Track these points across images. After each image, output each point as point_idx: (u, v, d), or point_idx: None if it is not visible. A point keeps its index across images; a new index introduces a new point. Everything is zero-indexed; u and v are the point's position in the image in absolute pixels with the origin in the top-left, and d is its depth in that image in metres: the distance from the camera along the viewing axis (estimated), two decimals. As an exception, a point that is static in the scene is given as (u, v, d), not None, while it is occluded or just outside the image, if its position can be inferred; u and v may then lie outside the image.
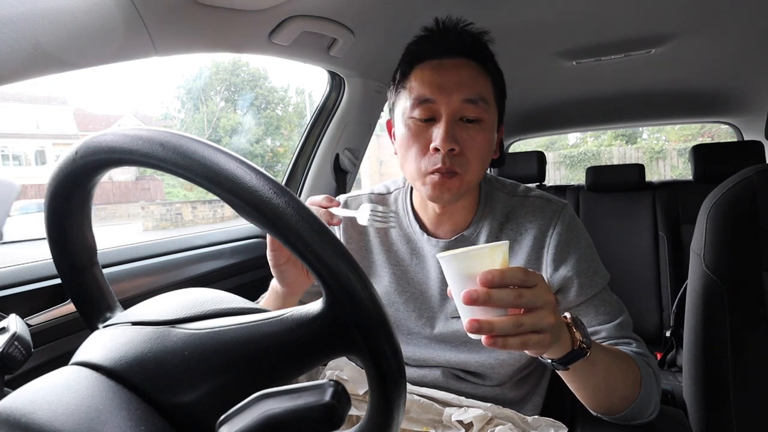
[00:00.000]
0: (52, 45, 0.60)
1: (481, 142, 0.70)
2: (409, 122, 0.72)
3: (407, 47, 0.76)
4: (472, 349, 0.77)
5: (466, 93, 0.69)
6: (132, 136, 0.36)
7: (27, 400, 0.32)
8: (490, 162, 0.75)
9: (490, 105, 0.71)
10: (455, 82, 0.69)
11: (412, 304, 0.80)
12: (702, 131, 12.45)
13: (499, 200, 0.80)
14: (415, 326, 0.80)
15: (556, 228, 0.75)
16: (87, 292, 0.48)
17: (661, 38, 1.24)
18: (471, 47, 0.72)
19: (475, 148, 0.70)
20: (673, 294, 1.73)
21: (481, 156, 0.71)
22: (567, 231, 0.75)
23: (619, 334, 0.72)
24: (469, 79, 0.70)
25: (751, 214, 0.73)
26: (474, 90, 0.69)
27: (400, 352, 0.35)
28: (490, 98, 0.72)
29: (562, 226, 0.75)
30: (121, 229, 9.65)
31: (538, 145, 11.63)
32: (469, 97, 0.69)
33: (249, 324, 0.36)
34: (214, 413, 0.30)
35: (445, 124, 0.68)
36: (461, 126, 0.70)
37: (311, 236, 0.33)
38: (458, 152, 0.69)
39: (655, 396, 0.68)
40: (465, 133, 0.70)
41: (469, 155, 0.70)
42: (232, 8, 0.80)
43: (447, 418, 0.69)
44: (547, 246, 0.75)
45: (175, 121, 15.98)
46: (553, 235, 0.75)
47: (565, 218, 0.76)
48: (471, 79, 0.70)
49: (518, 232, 0.77)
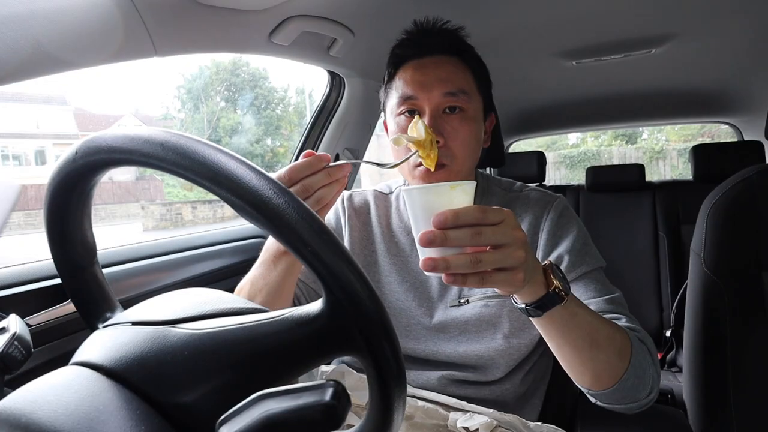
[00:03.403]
0: (52, 45, 0.60)
1: (466, 132, 0.74)
2: (398, 119, 0.78)
3: (392, 50, 0.81)
4: (471, 339, 0.78)
5: (446, 87, 0.74)
6: (132, 136, 0.36)
7: (27, 400, 0.32)
8: (478, 152, 0.79)
9: (471, 96, 0.76)
10: (435, 79, 0.74)
11: (411, 293, 0.83)
12: (702, 131, 12.45)
13: (495, 195, 0.84)
14: (414, 315, 0.82)
15: (549, 214, 0.78)
16: (87, 292, 0.48)
17: (661, 38, 1.24)
18: (449, 44, 0.78)
19: (460, 138, 0.74)
20: (673, 294, 1.73)
21: (467, 145, 0.75)
22: (560, 217, 0.78)
23: (609, 308, 0.69)
24: (448, 75, 0.75)
25: (751, 214, 0.73)
26: (454, 84, 0.74)
27: (400, 352, 0.35)
28: (472, 89, 0.77)
29: (555, 212, 0.78)
30: (121, 229, 9.66)
31: (538, 145, 11.62)
32: (449, 90, 0.74)
33: (249, 324, 0.36)
34: (214, 413, 0.30)
35: (428, 117, 0.74)
36: (445, 118, 0.74)
37: (311, 236, 0.32)
38: (443, 144, 0.73)
39: (650, 373, 0.63)
40: (449, 124, 0.74)
41: (453, 146, 0.74)
42: (232, 8, 0.80)
43: (452, 424, 0.68)
44: (541, 231, 0.78)
45: (175, 121, 15.98)
46: (547, 221, 0.78)
47: (559, 207, 0.79)
48: (450, 74, 0.75)
49: None
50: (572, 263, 0.73)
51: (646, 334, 0.69)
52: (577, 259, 0.73)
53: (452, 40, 0.79)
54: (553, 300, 0.54)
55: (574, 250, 0.74)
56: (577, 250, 0.74)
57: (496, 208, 0.48)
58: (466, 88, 0.75)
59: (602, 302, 0.70)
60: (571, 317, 0.57)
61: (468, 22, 0.81)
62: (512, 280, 0.48)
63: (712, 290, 0.75)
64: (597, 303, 0.70)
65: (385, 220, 0.89)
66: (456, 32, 0.80)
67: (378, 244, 0.87)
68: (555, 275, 0.54)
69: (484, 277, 0.47)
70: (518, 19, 1.09)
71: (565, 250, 0.74)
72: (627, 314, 0.71)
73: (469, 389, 0.77)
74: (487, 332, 0.78)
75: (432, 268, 0.46)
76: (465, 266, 0.46)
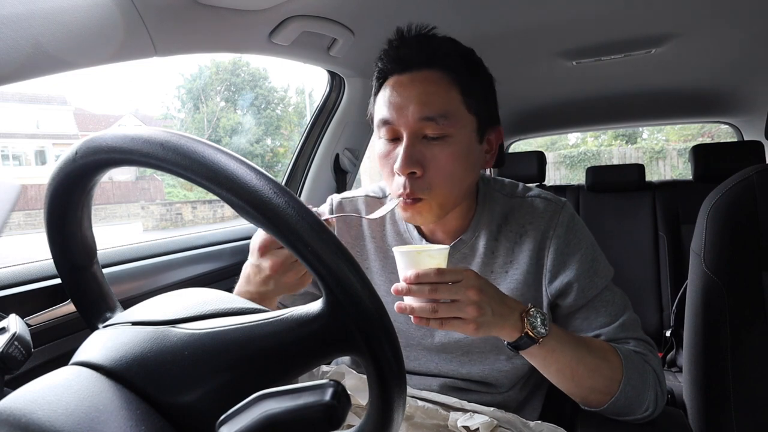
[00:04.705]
0: (52, 45, 0.60)
1: (446, 161, 0.67)
2: (379, 143, 0.72)
3: (375, 63, 0.73)
4: (474, 361, 0.77)
5: (423, 111, 0.66)
6: (132, 137, 0.36)
7: (27, 400, 0.32)
8: (470, 176, 0.72)
9: (456, 119, 0.67)
10: (411, 99, 0.66)
11: None
12: (702, 131, 12.46)
13: (497, 201, 0.78)
14: (415, 335, 0.79)
15: (556, 230, 0.73)
16: (87, 292, 0.48)
17: (661, 38, 1.24)
18: (429, 56, 0.68)
19: (440, 168, 0.67)
20: (673, 294, 1.73)
21: (449, 175, 0.68)
22: (567, 233, 0.74)
23: (620, 335, 0.71)
24: (427, 96, 0.66)
25: (751, 214, 0.73)
26: (432, 107, 0.66)
27: (400, 352, 0.35)
28: (456, 111, 0.67)
29: (562, 227, 0.74)
30: (121, 229, 9.66)
31: (538, 145, 11.62)
32: (426, 115, 0.66)
33: (249, 324, 0.36)
34: (214, 413, 0.30)
35: (405, 146, 0.66)
36: (425, 144, 0.67)
37: (311, 236, 0.32)
38: (420, 175, 0.66)
39: (648, 395, 0.67)
40: (429, 152, 0.67)
41: (432, 177, 0.67)
42: (232, 8, 0.80)
43: (453, 424, 0.68)
44: (547, 249, 0.73)
45: (175, 120, 15.98)
46: (553, 238, 0.73)
47: (565, 218, 0.74)
48: (429, 95, 0.66)
49: (518, 233, 0.76)
50: (581, 289, 0.72)
51: (652, 355, 0.71)
52: (586, 283, 0.72)
53: (436, 51, 0.68)
54: (526, 342, 0.62)
55: (583, 275, 0.72)
56: (586, 272, 0.72)
57: (457, 270, 0.59)
58: (448, 110, 0.66)
59: (613, 330, 0.71)
60: (549, 353, 0.63)
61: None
62: (465, 329, 0.58)
63: (712, 290, 0.75)
64: (608, 333, 0.71)
65: (379, 233, 0.83)
66: (440, 40, 0.70)
67: (372, 261, 0.82)
68: (530, 321, 0.61)
69: (443, 322, 0.58)
70: (518, 19, 1.09)
71: (573, 276, 0.72)
72: (637, 336, 0.72)
73: (471, 396, 0.76)
74: (491, 354, 0.76)
75: (401, 310, 0.59)
76: (425, 312, 0.57)
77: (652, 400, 0.67)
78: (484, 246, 0.76)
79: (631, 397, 0.66)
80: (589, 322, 0.73)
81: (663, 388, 0.69)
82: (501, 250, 0.76)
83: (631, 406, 0.66)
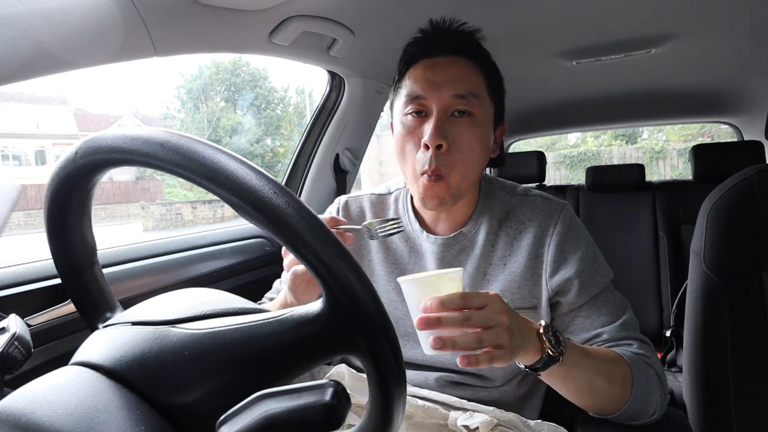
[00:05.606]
0: (52, 45, 0.60)
1: (472, 138, 0.71)
2: (404, 119, 0.74)
3: (404, 48, 0.78)
4: None
5: (457, 88, 0.71)
6: (132, 137, 0.36)
7: (27, 400, 0.32)
8: (484, 161, 0.75)
9: (482, 100, 0.73)
10: (446, 79, 0.72)
11: None
12: (702, 131, 12.45)
13: (498, 198, 0.80)
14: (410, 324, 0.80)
15: (556, 227, 0.75)
16: (87, 292, 0.48)
17: (661, 38, 1.24)
18: (463, 45, 0.75)
19: (464, 145, 0.71)
20: (673, 294, 1.73)
21: (471, 152, 0.72)
22: (567, 231, 0.75)
23: (621, 335, 0.72)
24: (459, 76, 0.72)
25: (751, 215, 0.73)
26: (465, 86, 0.71)
27: (400, 352, 0.35)
28: (482, 94, 0.73)
29: (562, 225, 0.75)
30: (121, 229, 9.66)
31: (538, 145, 11.62)
32: (459, 92, 0.71)
33: (249, 324, 0.36)
34: (214, 413, 0.30)
35: (435, 119, 0.70)
36: (452, 122, 0.72)
37: (311, 236, 0.33)
38: (445, 150, 0.70)
39: (654, 398, 0.67)
40: (455, 129, 0.71)
41: (455, 154, 0.71)
42: (232, 8, 0.80)
43: (453, 423, 0.68)
44: (547, 245, 0.74)
45: (175, 120, 15.98)
46: (554, 235, 0.74)
47: (566, 218, 0.76)
48: (462, 75, 0.72)
49: (518, 229, 0.77)
50: (582, 286, 0.72)
51: (653, 357, 0.71)
52: (587, 280, 0.72)
53: (467, 42, 0.76)
54: (547, 363, 0.59)
55: (584, 271, 0.72)
56: (587, 270, 0.73)
57: (482, 294, 0.55)
58: (477, 91, 0.72)
59: (614, 329, 0.71)
60: (569, 370, 0.61)
61: (467, 21, 0.81)
62: (503, 357, 0.53)
63: (712, 290, 0.75)
64: (609, 332, 0.71)
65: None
66: (472, 34, 0.77)
67: (374, 253, 0.84)
68: (548, 339, 0.58)
69: (491, 354, 0.52)
70: (518, 19, 1.09)
71: (574, 272, 0.72)
72: (638, 337, 0.73)
73: (467, 391, 0.77)
74: None
75: (441, 346, 0.51)
76: (471, 344, 0.51)
77: (658, 404, 0.68)
78: (483, 239, 0.77)
79: (641, 402, 0.66)
80: (592, 320, 0.73)
81: (665, 390, 0.69)
82: (500, 243, 0.77)
83: (640, 411, 0.66)
